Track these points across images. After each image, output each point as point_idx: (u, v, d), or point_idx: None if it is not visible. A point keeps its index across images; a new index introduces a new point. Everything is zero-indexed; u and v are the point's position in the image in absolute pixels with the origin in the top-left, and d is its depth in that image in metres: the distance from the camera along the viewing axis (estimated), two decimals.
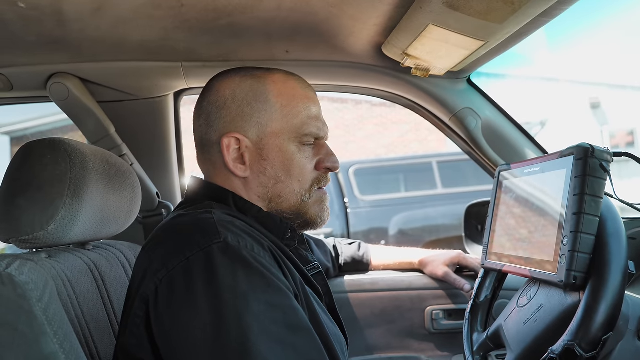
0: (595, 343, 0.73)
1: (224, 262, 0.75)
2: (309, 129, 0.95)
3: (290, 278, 0.84)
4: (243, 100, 0.93)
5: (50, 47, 1.16)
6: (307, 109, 0.95)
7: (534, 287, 0.94)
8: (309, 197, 0.95)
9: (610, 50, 17.65)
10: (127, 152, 1.42)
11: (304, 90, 0.97)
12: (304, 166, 0.94)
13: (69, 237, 0.91)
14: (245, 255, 0.77)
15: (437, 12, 0.98)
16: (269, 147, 0.93)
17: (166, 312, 0.76)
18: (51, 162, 0.88)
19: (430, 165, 5.52)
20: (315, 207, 0.97)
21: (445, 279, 1.46)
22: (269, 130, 0.93)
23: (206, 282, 0.74)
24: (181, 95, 1.55)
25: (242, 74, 0.96)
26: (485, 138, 1.43)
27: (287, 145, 0.93)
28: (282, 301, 0.76)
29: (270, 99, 0.94)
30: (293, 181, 0.94)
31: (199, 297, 0.73)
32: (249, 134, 0.93)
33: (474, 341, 1.08)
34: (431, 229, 5.14)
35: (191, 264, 0.75)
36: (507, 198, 1.07)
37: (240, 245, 0.78)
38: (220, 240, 0.77)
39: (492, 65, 1.36)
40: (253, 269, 0.76)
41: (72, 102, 1.31)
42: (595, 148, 0.82)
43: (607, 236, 0.79)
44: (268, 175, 0.93)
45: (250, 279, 0.75)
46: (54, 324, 0.76)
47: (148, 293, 0.77)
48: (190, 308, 0.74)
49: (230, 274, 0.75)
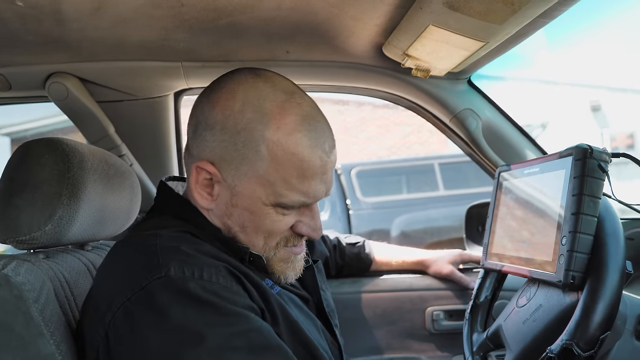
0: (593, 342, 0.73)
1: (168, 299, 0.69)
2: (296, 197, 0.82)
3: (255, 292, 0.78)
4: (232, 138, 0.80)
5: (48, 47, 1.16)
6: (301, 176, 0.81)
7: (533, 287, 0.94)
8: (273, 253, 0.87)
9: (611, 53, 17.66)
10: (126, 153, 1.42)
11: (313, 149, 0.80)
12: (276, 226, 0.84)
13: (67, 237, 0.91)
14: (191, 287, 0.70)
15: (437, 13, 0.98)
16: (242, 197, 0.82)
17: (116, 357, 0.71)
18: (49, 162, 0.88)
19: (432, 167, 5.53)
20: (279, 265, 0.88)
21: (450, 277, 1.47)
22: (247, 183, 0.81)
23: (152, 325, 0.69)
24: (181, 95, 1.55)
25: (247, 99, 0.81)
26: (486, 139, 1.43)
27: (263, 202, 0.82)
28: (242, 326, 0.71)
29: (262, 149, 0.80)
30: (258, 236, 0.85)
31: (148, 342, 0.68)
32: (225, 174, 0.82)
33: (473, 341, 1.08)
34: (433, 230, 5.14)
35: (133, 306, 0.70)
36: (507, 199, 1.07)
37: (185, 276, 0.71)
38: (162, 275, 0.71)
39: (493, 67, 1.36)
40: (203, 300, 0.70)
41: (71, 102, 1.31)
42: (593, 149, 0.82)
43: (605, 236, 0.79)
44: (233, 221, 0.85)
45: (201, 312, 0.70)
46: (50, 325, 0.76)
47: (98, 339, 0.73)
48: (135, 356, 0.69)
49: (179, 312, 0.69)
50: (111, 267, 0.81)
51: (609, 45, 18.83)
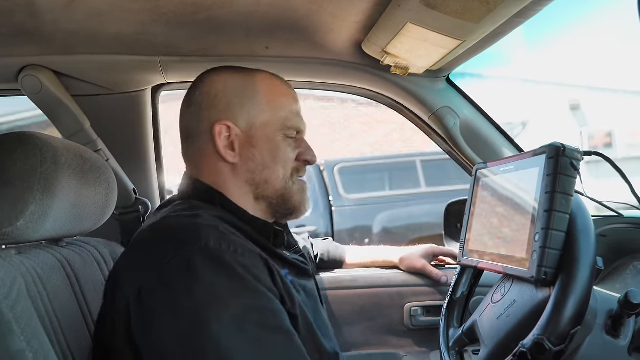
0: (564, 337, 0.74)
1: (204, 265, 0.77)
2: (293, 122, 1.01)
3: (278, 278, 0.86)
4: (234, 93, 0.99)
5: (21, 39, 1.14)
6: (292, 104, 1.02)
7: (508, 283, 0.96)
8: (292, 184, 1.01)
9: (591, 53, 17.96)
10: (102, 148, 1.40)
11: (288, 88, 1.04)
12: (288, 155, 1.00)
13: (39, 233, 0.89)
14: (226, 259, 0.79)
15: (415, 11, 0.99)
16: (258, 136, 0.98)
17: (148, 316, 0.77)
18: (21, 157, 0.86)
19: (414, 164, 5.55)
20: (298, 195, 1.02)
21: (423, 271, 1.48)
22: (258, 121, 0.98)
23: (186, 286, 0.76)
24: (159, 90, 1.53)
25: (231, 70, 1.03)
26: (464, 137, 1.44)
27: (273, 135, 0.99)
28: (261, 303, 0.79)
29: (258, 93, 1.00)
30: (278, 167, 0.99)
31: (179, 300, 0.75)
32: (239, 123, 0.97)
33: (450, 337, 1.09)
34: (415, 227, 5.17)
35: (172, 268, 0.77)
36: (484, 196, 1.08)
37: (222, 248, 0.80)
38: (202, 244, 0.79)
39: (473, 66, 1.37)
40: (234, 271, 0.78)
41: (45, 95, 1.29)
42: (566, 147, 0.84)
43: (576, 233, 0.80)
44: (256, 162, 0.98)
45: (230, 282, 0.77)
46: (21, 322, 0.75)
47: (130, 296, 0.78)
48: (170, 312, 0.75)
49: (211, 278, 0.77)
50: (148, 240, 0.87)
51: (588, 45, 19.15)
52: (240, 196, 0.98)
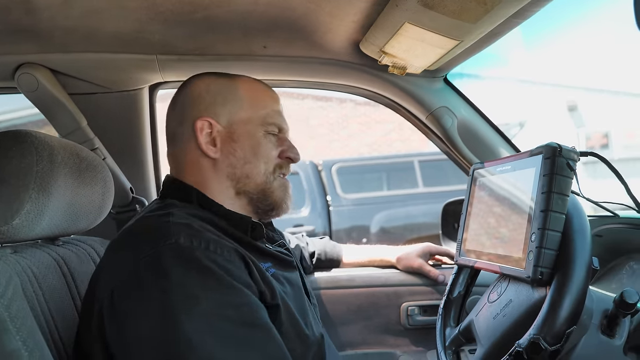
0: (559, 336, 0.74)
1: (174, 262, 0.78)
2: (274, 119, 1.03)
3: (256, 273, 0.87)
4: (216, 93, 1.02)
5: (18, 36, 1.13)
6: (272, 104, 1.05)
7: (504, 283, 0.96)
8: (273, 179, 1.02)
9: (589, 54, 18.00)
10: (99, 146, 1.40)
11: (269, 90, 1.08)
12: (269, 151, 1.02)
13: (35, 232, 0.89)
14: (197, 255, 0.80)
15: (413, 11, 0.99)
16: (239, 132, 1.00)
17: (120, 316, 0.78)
18: (17, 155, 0.86)
19: (412, 164, 5.56)
20: (279, 191, 1.04)
21: (420, 270, 1.49)
22: (239, 118, 1.01)
23: (156, 284, 0.77)
24: (157, 89, 1.52)
25: (215, 75, 1.06)
26: (461, 137, 1.44)
27: (254, 131, 1.01)
28: (236, 299, 0.79)
29: (239, 92, 1.03)
30: (259, 162, 1.01)
31: (149, 299, 0.76)
32: (220, 120, 1.00)
33: (446, 336, 1.10)
34: (412, 227, 5.17)
35: (142, 266, 0.78)
36: (481, 196, 1.09)
37: (193, 245, 0.81)
38: (172, 242, 0.80)
39: (471, 66, 1.38)
40: (204, 268, 0.79)
41: (41, 93, 1.28)
42: (562, 147, 0.84)
43: (572, 233, 0.80)
44: (237, 157, 1.00)
45: (201, 278, 0.78)
46: (16, 321, 0.74)
47: (103, 295, 0.79)
48: (140, 310, 0.76)
49: (181, 275, 0.77)
50: (123, 240, 0.89)
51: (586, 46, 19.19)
52: (221, 191, 0.99)
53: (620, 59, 15.19)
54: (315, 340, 0.98)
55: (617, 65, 15.07)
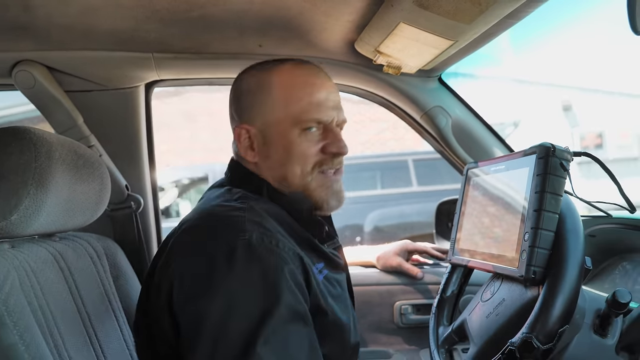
0: (552, 336, 0.75)
1: (245, 257, 0.84)
2: (310, 115, 0.98)
3: (313, 281, 0.91)
4: (249, 93, 1.02)
5: (15, 34, 1.13)
6: (309, 95, 0.99)
7: (497, 282, 0.96)
8: (310, 179, 1.00)
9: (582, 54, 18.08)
10: (95, 143, 1.39)
11: (309, 77, 1.01)
12: (305, 150, 0.98)
13: (33, 227, 0.89)
14: (264, 254, 0.85)
15: (408, 11, 1.00)
16: (272, 134, 0.99)
17: (186, 296, 0.85)
18: (15, 151, 0.86)
19: (406, 163, 5.57)
20: (319, 191, 1.01)
21: (399, 269, 1.50)
22: (271, 119, 0.99)
23: (225, 275, 0.83)
24: (153, 87, 1.52)
25: (257, 68, 1.04)
26: (455, 136, 1.45)
27: (288, 132, 0.98)
28: (291, 302, 0.84)
29: (272, 90, 1.00)
30: (294, 164, 0.99)
31: (216, 287, 0.83)
32: (256, 123, 1.00)
33: (439, 335, 1.10)
34: (406, 226, 5.18)
35: (216, 256, 0.84)
36: (474, 195, 1.09)
37: (264, 242, 0.86)
38: (245, 237, 0.85)
39: (466, 66, 1.38)
40: (270, 266, 0.84)
41: (38, 90, 1.28)
42: (556, 147, 0.84)
43: (565, 233, 0.81)
44: (272, 159, 1.00)
45: (265, 277, 0.84)
46: (13, 315, 0.75)
47: (174, 276, 0.87)
48: (207, 296, 0.83)
49: (247, 267, 0.83)
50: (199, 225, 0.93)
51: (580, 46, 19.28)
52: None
53: (614, 59, 15.27)
54: (353, 345, 1.01)
55: (611, 66, 15.15)
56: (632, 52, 13.07)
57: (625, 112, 10.77)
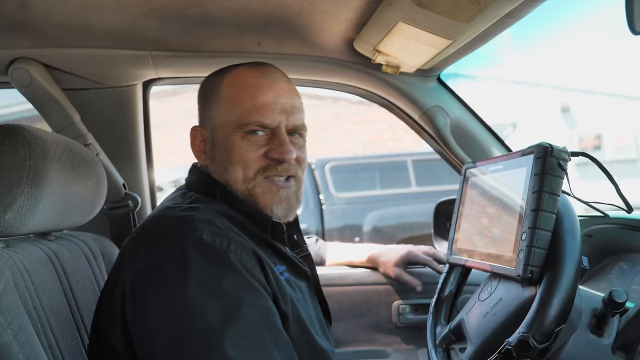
0: (549, 335, 0.75)
1: (196, 257, 0.80)
2: (250, 117, 0.95)
3: (272, 279, 0.88)
4: (203, 96, 1.03)
5: (12, 31, 1.13)
6: (252, 98, 0.95)
7: (495, 282, 0.96)
8: (253, 185, 0.96)
9: (581, 56, 18.11)
10: (92, 142, 1.39)
11: (257, 79, 0.98)
12: (246, 154, 0.95)
13: (27, 226, 0.88)
14: (218, 252, 0.82)
15: (407, 10, 1.00)
16: (217, 138, 0.99)
17: (140, 303, 0.81)
18: (9, 149, 0.85)
19: (405, 163, 5.57)
20: (263, 197, 0.96)
21: (398, 280, 1.49)
22: (217, 122, 0.99)
23: (177, 276, 0.79)
24: (150, 85, 1.52)
25: (217, 72, 1.04)
26: (454, 136, 1.45)
27: (230, 135, 0.96)
28: (251, 299, 0.80)
29: (220, 92, 0.99)
30: (236, 168, 0.96)
31: (169, 289, 0.79)
32: (205, 126, 1.01)
33: (437, 334, 1.10)
34: (404, 226, 5.19)
35: (166, 259, 0.81)
36: (473, 195, 1.09)
37: (215, 242, 0.83)
38: (196, 237, 0.82)
39: (465, 66, 1.39)
40: (224, 265, 0.81)
41: (35, 88, 1.28)
42: (554, 147, 0.84)
43: (562, 232, 0.81)
44: (218, 163, 0.99)
45: (220, 274, 0.80)
46: (8, 315, 0.74)
47: (126, 283, 0.83)
48: (160, 299, 0.79)
49: (201, 269, 0.80)
50: (150, 228, 0.91)
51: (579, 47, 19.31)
52: None
53: (613, 61, 15.31)
54: (323, 349, 0.96)
55: (610, 68, 15.18)
56: (630, 53, 13.10)
57: (624, 114, 10.79)
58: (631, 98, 11.15)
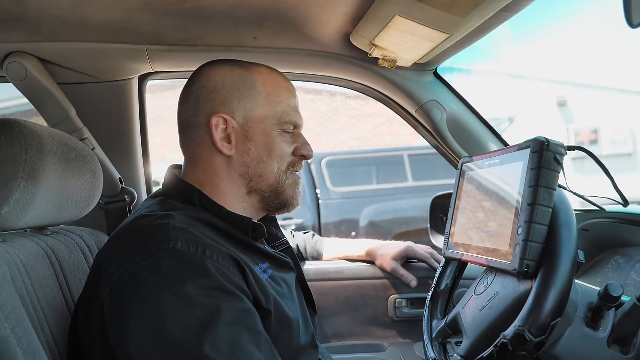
0: (544, 328, 0.75)
1: (171, 266, 0.80)
2: (290, 117, 1.01)
3: (253, 280, 0.87)
4: (232, 86, 0.99)
5: (7, 25, 1.12)
6: (289, 99, 1.02)
7: (491, 276, 0.97)
8: (285, 178, 1.02)
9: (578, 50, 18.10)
10: (88, 136, 1.39)
11: (286, 83, 1.05)
12: (283, 150, 1.01)
13: (24, 221, 0.88)
14: (194, 260, 0.82)
15: (403, 4, 0.99)
16: (254, 130, 0.99)
17: (117, 314, 0.80)
18: (5, 144, 0.85)
19: (402, 158, 5.57)
20: (290, 189, 1.03)
21: (393, 274, 1.50)
22: (255, 115, 0.99)
23: (153, 287, 0.79)
24: (146, 80, 1.51)
25: (231, 64, 1.02)
26: (450, 130, 1.45)
27: (270, 130, 0.99)
28: (229, 304, 0.80)
29: (257, 86, 1.00)
30: (273, 162, 1.00)
31: (146, 301, 0.78)
32: (236, 116, 0.98)
33: (433, 328, 1.11)
34: (401, 221, 5.20)
35: (140, 269, 0.80)
36: (469, 189, 1.09)
37: (190, 249, 0.82)
38: (170, 247, 0.82)
39: (462, 60, 1.39)
40: (201, 271, 0.81)
41: (30, 83, 1.27)
42: (550, 142, 0.85)
43: (559, 227, 0.81)
44: (252, 156, 0.99)
45: (197, 282, 0.80)
46: (5, 309, 0.74)
47: (104, 294, 0.82)
48: (138, 311, 0.78)
49: (177, 278, 0.79)
50: (124, 238, 0.90)
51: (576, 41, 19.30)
52: (232, 190, 0.99)
53: (610, 55, 15.30)
54: (305, 345, 0.98)
55: (606, 61, 15.19)
56: (627, 47, 13.11)
57: (620, 108, 10.81)
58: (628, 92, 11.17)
